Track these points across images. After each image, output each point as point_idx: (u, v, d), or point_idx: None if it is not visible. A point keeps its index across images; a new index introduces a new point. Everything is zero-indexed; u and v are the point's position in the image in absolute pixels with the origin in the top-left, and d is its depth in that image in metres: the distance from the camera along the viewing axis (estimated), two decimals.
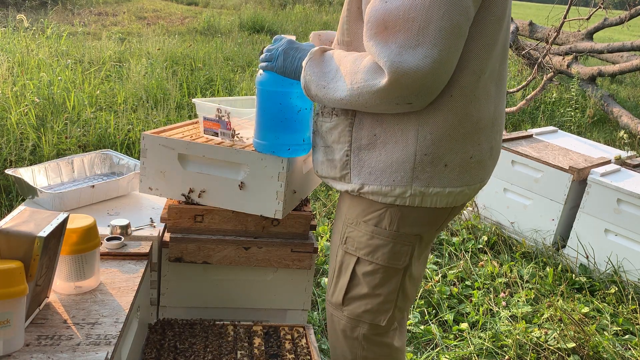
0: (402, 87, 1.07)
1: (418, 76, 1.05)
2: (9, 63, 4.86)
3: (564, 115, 6.07)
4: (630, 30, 8.87)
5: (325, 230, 3.12)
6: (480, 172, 1.29)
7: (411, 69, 1.04)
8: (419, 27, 1.03)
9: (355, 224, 1.32)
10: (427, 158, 1.21)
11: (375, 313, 1.35)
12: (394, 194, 1.24)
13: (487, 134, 1.26)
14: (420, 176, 1.22)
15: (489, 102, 1.24)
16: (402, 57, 1.04)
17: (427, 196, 1.24)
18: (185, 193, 1.67)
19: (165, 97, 4.88)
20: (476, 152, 1.25)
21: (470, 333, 2.43)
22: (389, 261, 1.30)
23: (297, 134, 1.48)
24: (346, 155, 1.29)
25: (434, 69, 1.05)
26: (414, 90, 1.08)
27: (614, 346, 2.39)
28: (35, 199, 1.81)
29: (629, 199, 2.89)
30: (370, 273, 1.32)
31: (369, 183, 1.26)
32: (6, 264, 1.08)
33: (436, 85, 1.10)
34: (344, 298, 1.35)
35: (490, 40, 1.17)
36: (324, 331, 2.38)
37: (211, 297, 1.81)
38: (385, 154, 1.23)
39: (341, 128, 1.30)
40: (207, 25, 9.55)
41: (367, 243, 1.31)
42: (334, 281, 1.38)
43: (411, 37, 1.04)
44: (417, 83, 1.06)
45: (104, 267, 1.47)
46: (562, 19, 5.89)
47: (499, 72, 1.26)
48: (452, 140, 1.21)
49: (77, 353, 1.12)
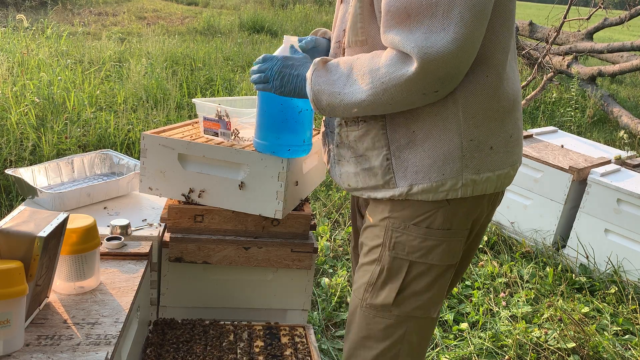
0: (431, 72, 1.05)
1: (447, 59, 1.03)
2: (9, 63, 4.86)
3: (564, 115, 6.07)
4: (630, 30, 8.87)
5: (325, 230, 3.12)
6: (518, 150, 1.28)
7: (439, 53, 1.02)
8: (443, 11, 1.02)
9: (403, 228, 1.25)
10: (474, 143, 1.18)
11: (426, 308, 1.29)
12: (445, 188, 1.19)
13: (519, 111, 1.26)
14: (470, 164, 1.19)
15: (515, 79, 1.24)
16: (429, 41, 1.02)
17: (478, 183, 1.20)
18: (185, 193, 1.67)
19: (165, 97, 4.88)
20: (514, 130, 1.24)
21: (470, 333, 2.43)
22: (442, 260, 1.25)
23: (297, 135, 1.48)
24: (386, 159, 1.23)
25: (462, 51, 1.03)
26: (442, 76, 1.06)
27: (614, 346, 2.39)
28: (35, 199, 1.81)
29: (629, 199, 2.89)
30: (424, 272, 1.27)
31: (418, 182, 1.20)
32: (6, 264, 1.08)
33: (462, 69, 1.08)
34: (395, 299, 1.28)
35: (509, 16, 1.16)
36: (324, 331, 2.38)
37: (211, 297, 1.81)
38: (430, 148, 1.18)
39: (374, 133, 1.24)
40: (207, 25, 9.55)
41: (419, 246, 1.24)
42: (379, 285, 1.29)
43: (436, 22, 1.02)
44: (446, 67, 1.04)
45: (104, 267, 1.47)
46: (562, 19, 5.89)
47: (513, 48, 1.24)
48: (494, 121, 1.19)
49: (77, 353, 1.12)
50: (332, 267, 2.87)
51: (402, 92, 1.09)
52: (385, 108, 1.15)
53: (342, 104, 1.18)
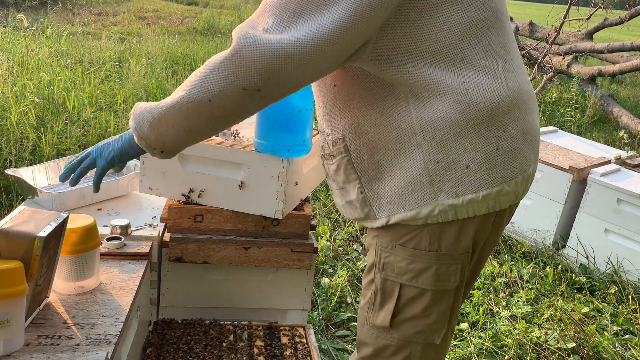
0: (246, 59, 0.98)
1: (266, 52, 0.97)
2: (9, 63, 4.85)
3: (564, 115, 6.07)
4: (630, 30, 8.87)
5: (325, 230, 3.12)
6: (517, 162, 1.13)
7: (261, 43, 0.97)
8: (291, 14, 0.98)
9: (391, 248, 1.19)
10: (441, 165, 1.09)
11: (428, 333, 1.22)
12: (421, 215, 1.12)
13: (512, 117, 1.11)
14: (443, 187, 1.10)
15: (500, 83, 1.10)
16: (259, 32, 0.99)
17: (460, 207, 1.11)
18: (185, 193, 1.67)
19: (165, 97, 4.88)
20: (502, 142, 1.10)
21: (470, 333, 2.43)
22: (435, 284, 1.17)
23: (297, 135, 1.48)
24: (360, 193, 1.19)
25: (286, 52, 0.97)
26: (260, 70, 0.98)
27: (614, 346, 2.39)
28: (35, 199, 1.81)
29: (629, 199, 2.89)
30: (418, 297, 1.19)
31: (394, 212, 1.15)
32: (6, 264, 1.07)
33: (291, 72, 0.99)
34: (391, 321, 1.23)
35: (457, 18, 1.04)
36: (324, 331, 2.38)
37: (211, 297, 1.81)
38: (397, 176, 1.13)
39: (343, 167, 1.21)
40: (207, 25, 9.56)
41: (407, 268, 1.17)
42: (377, 305, 1.25)
43: (280, 23, 0.99)
44: (264, 60, 0.97)
45: (104, 267, 1.47)
46: (562, 19, 5.89)
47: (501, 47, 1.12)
48: (463, 138, 1.08)
49: (77, 353, 1.12)
50: (332, 267, 2.87)
51: (218, 80, 1.02)
52: (209, 110, 1.06)
53: (162, 116, 1.10)
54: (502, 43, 1.13)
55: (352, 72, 1.14)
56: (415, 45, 1.05)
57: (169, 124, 1.11)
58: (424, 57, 1.05)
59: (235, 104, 1.05)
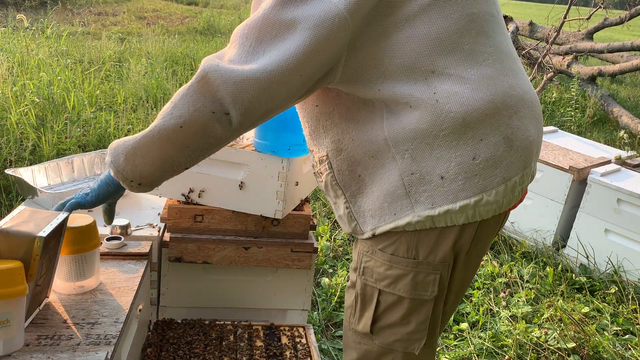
0: (212, 84, 1.02)
1: (228, 79, 1.01)
2: (9, 63, 4.86)
3: (564, 115, 6.07)
4: (630, 30, 8.87)
5: (325, 230, 3.12)
6: (497, 170, 1.10)
7: (224, 71, 1.01)
8: (251, 44, 1.03)
9: (371, 253, 1.20)
10: (415, 177, 1.09)
11: (407, 342, 1.22)
12: (400, 225, 1.13)
13: (491, 124, 1.08)
14: (420, 198, 1.10)
15: (478, 90, 1.07)
16: (223, 61, 1.03)
17: (437, 217, 1.10)
18: (185, 193, 1.67)
19: (165, 97, 4.89)
20: (480, 151, 1.07)
21: (470, 333, 2.43)
22: (413, 292, 1.17)
23: (297, 134, 1.48)
24: (346, 208, 1.22)
25: (249, 78, 1.00)
26: (225, 95, 1.02)
27: (614, 346, 2.39)
28: (35, 199, 1.81)
29: (629, 199, 2.89)
30: (396, 304, 1.20)
31: (377, 226, 1.17)
32: (6, 264, 1.07)
33: (256, 97, 1.02)
34: (372, 328, 1.24)
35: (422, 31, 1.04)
36: (324, 331, 2.38)
37: (211, 297, 1.81)
38: (376, 190, 1.15)
39: (330, 183, 1.24)
40: (207, 25, 9.56)
41: (385, 274, 1.18)
42: (358, 311, 1.26)
43: (243, 51, 1.03)
44: (227, 86, 1.01)
45: (104, 267, 1.47)
46: (562, 18, 5.89)
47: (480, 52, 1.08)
48: (437, 148, 1.07)
49: (77, 353, 1.12)
50: (332, 267, 2.87)
51: (187, 104, 1.05)
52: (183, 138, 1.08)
53: (137, 147, 1.12)
54: (480, 49, 1.09)
55: (331, 92, 1.17)
56: (381, 64, 1.07)
57: (144, 154, 1.12)
58: (393, 74, 1.07)
59: (206, 129, 1.06)
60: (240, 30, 1.06)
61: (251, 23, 1.04)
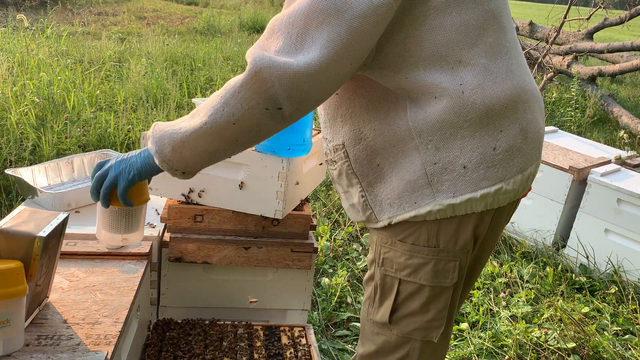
0: (264, 81, 1.00)
1: (285, 74, 0.99)
2: (9, 63, 4.86)
3: (564, 115, 6.07)
4: (630, 30, 8.87)
5: (325, 230, 3.13)
6: (515, 161, 1.14)
7: (279, 66, 0.99)
8: (298, 32, 1.00)
9: (390, 244, 1.22)
10: (439, 166, 1.11)
11: (426, 330, 1.24)
12: (421, 214, 1.14)
13: (510, 117, 1.13)
14: (441, 188, 1.12)
15: (497, 83, 1.11)
16: (274, 55, 1.00)
17: (458, 206, 1.13)
18: (185, 193, 1.67)
19: (165, 97, 4.89)
20: (500, 141, 1.12)
21: (470, 333, 2.43)
22: (433, 280, 1.19)
23: (297, 134, 1.48)
24: (362, 196, 1.22)
25: (306, 72, 0.99)
26: (283, 91, 1.01)
27: (614, 346, 2.39)
28: (35, 199, 1.81)
29: (629, 199, 2.89)
30: (416, 292, 1.22)
31: (395, 215, 1.18)
32: (6, 264, 1.07)
33: (311, 91, 1.02)
34: (390, 318, 1.25)
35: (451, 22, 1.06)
36: (324, 331, 2.38)
37: (211, 297, 1.81)
38: (397, 178, 1.15)
39: (345, 172, 1.23)
40: (207, 25, 9.56)
41: (406, 263, 1.20)
42: (377, 301, 1.28)
43: (290, 42, 1.01)
44: (285, 82, 1.00)
45: (104, 267, 1.47)
46: (562, 18, 5.90)
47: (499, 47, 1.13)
48: (460, 138, 1.10)
49: (77, 353, 1.12)
50: (332, 267, 2.87)
51: (240, 102, 1.04)
52: (233, 133, 1.08)
53: (185, 140, 1.11)
54: (500, 43, 1.14)
55: (354, 80, 1.17)
56: (412, 51, 1.07)
57: (192, 147, 1.12)
58: (422, 62, 1.08)
59: (258, 125, 1.07)
60: (284, 19, 1.03)
61: (296, 12, 1.02)
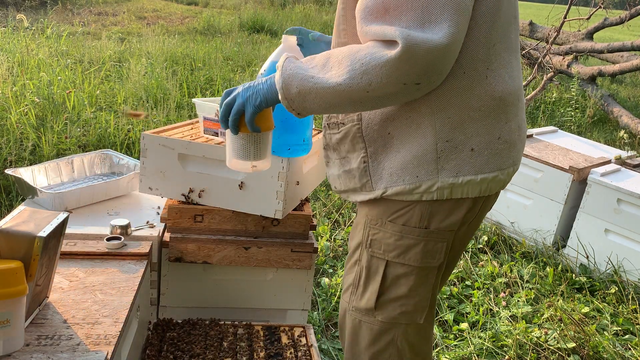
0: (413, 59, 0.98)
1: (430, 50, 0.97)
2: (9, 63, 4.86)
3: (564, 115, 6.07)
4: (631, 30, 8.87)
5: (325, 230, 3.12)
6: (512, 153, 1.20)
7: (424, 42, 0.97)
8: (422, 5, 0.98)
9: (380, 225, 1.22)
10: (450, 144, 1.12)
11: (412, 313, 1.26)
12: (419, 190, 1.15)
13: (513, 111, 1.18)
14: (446, 166, 1.13)
15: (511, 77, 1.16)
16: (412, 31, 0.98)
17: (457, 187, 1.15)
18: (185, 193, 1.67)
19: (165, 97, 4.88)
20: (504, 132, 1.16)
21: (470, 333, 2.43)
22: (422, 261, 1.21)
23: (297, 134, 1.48)
24: (363, 162, 1.21)
25: (445, 45, 0.98)
26: (425, 67, 1.00)
27: (614, 346, 2.39)
28: (35, 199, 1.81)
29: (629, 199, 2.89)
30: (404, 275, 1.23)
31: (392, 185, 1.17)
32: (6, 264, 1.08)
33: (446, 63, 1.03)
34: (376, 303, 1.25)
35: (491, 6, 1.10)
36: (324, 331, 2.38)
37: (211, 297, 1.81)
38: (405, 149, 1.15)
39: (352, 135, 1.22)
40: (207, 25, 9.55)
41: (395, 244, 1.21)
42: (362, 287, 1.27)
43: (416, 16, 0.99)
44: (429, 57, 0.98)
45: (104, 267, 1.47)
46: (562, 18, 5.90)
47: (515, 44, 1.18)
48: (475, 121, 1.13)
49: (77, 353, 1.12)
50: (332, 267, 2.87)
51: (382, 76, 1.02)
52: (362, 97, 1.07)
53: (314, 89, 1.09)
54: (516, 42, 1.19)
55: None
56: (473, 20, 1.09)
57: (318, 98, 1.10)
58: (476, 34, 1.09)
59: (389, 95, 1.06)
60: None
61: None
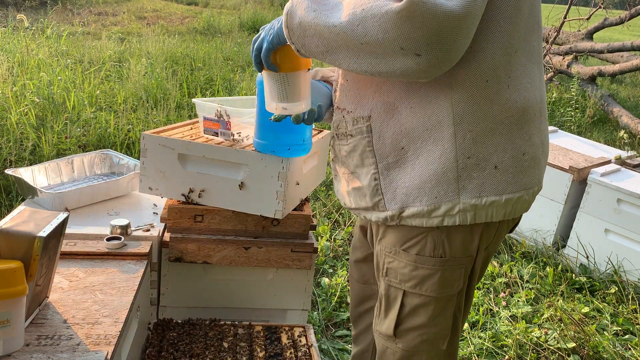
0: (416, 20, 0.87)
1: (438, 15, 0.86)
2: (9, 63, 4.86)
3: (564, 115, 6.07)
4: (630, 30, 8.88)
5: (325, 230, 3.12)
6: (536, 171, 1.11)
7: (433, 4, 0.86)
8: None
9: (394, 254, 1.14)
10: (472, 161, 1.03)
11: (434, 341, 1.19)
12: (439, 212, 1.06)
13: (536, 126, 1.09)
14: (468, 185, 1.04)
15: (533, 87, 1.07)
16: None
17: (480, 209, 1.06)
18: (185, 193, 1.67)
19: (165, 97, 4.88)
20: (528, 147, 1.07)
21: (470, 333, 2.43)
22: (440, 291, 1.13)
23: (297, 134, 1.48)
24: (374, 179, 1.12)
25: (457, 15, 0.87)
26: (428, 34, 0.88)
27: (614, 346, 2.39)
28: (35, 199, 1.81)
29: (629, 199, 2.89)
30: (422, 305, 1.15)
31: (409, 205, 1.08)
32: (6, 264, 1.07)
33: (455, 39, 0.90)
34: (395, 331, 1.19)
35: (512, 11, 1.01)
36: (324, 331, 2.38)
37: (211, 297, 1.81)
38: (420, 167, 1.06)
39: (361, 149, 1.13)
40: (207, 25, 9.55)
41: (411, 275, 1.13)
42: (382, 312, 1.21)
43: None
44: (434, 24, 0.87)
45: (104, 267, 1.47)
46: (562, 18, 5.90)
47: (537, 54, 1.09)
48: (498, 135, 1.03)
49: (77, 353, 1.12)
50: (332, 267, 2.87)
51: (378, 29, 0.91)
52: (356, 48, 0.96)
53: (314, 24, 1.00)
54: (539, 50, 1.10)
55: None
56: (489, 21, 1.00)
57: (316, 35, 1.01)
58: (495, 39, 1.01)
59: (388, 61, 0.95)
60: None
61: None
